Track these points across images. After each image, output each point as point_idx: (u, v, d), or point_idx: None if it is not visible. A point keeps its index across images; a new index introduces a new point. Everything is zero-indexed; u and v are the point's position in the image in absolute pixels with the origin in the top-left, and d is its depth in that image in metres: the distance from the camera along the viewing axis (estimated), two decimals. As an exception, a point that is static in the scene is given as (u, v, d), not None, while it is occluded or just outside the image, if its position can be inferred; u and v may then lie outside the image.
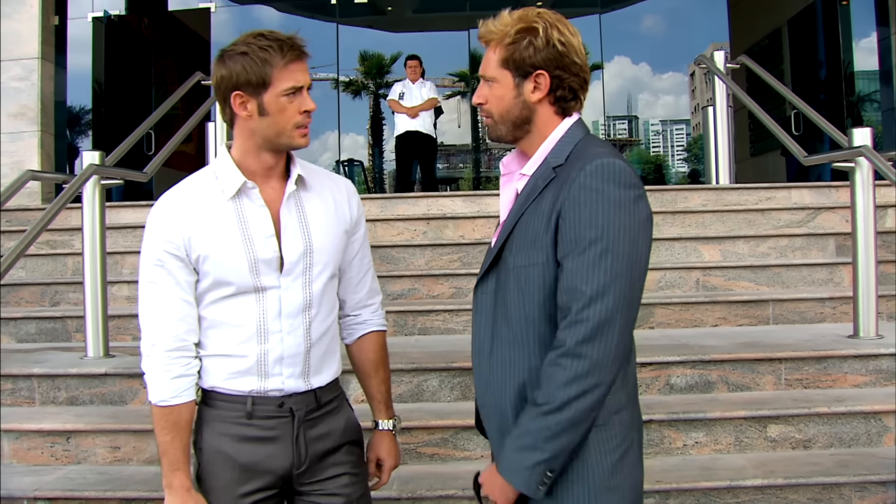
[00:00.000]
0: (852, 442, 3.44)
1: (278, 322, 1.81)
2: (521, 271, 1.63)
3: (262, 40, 1.75)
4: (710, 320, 4.59)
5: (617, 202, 1.53)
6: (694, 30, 12.25)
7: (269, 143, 1.80)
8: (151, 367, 1.81)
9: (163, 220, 1.79)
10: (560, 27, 1.67)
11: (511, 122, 1.71)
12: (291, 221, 1.83)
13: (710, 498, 3.12)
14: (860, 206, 4.12)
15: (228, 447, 1.82)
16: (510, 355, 1.65)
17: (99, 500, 3.19)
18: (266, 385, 1.82)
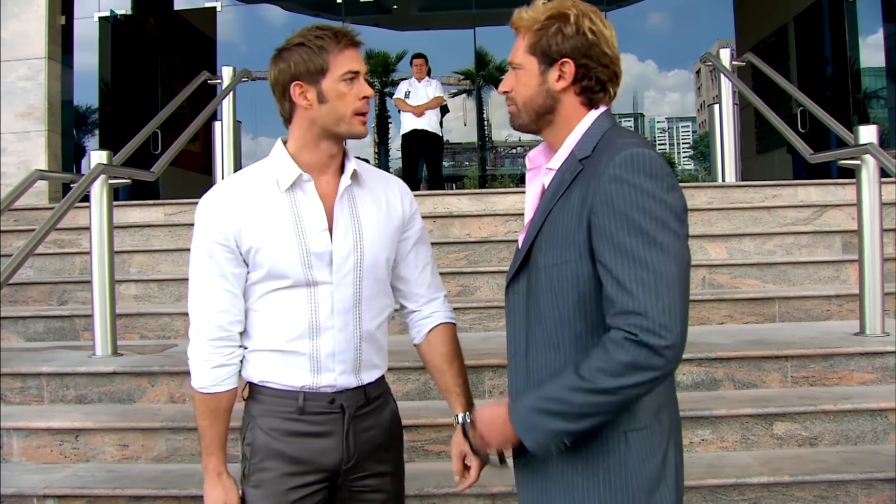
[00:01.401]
0: (858, 439, 3.45)
1: (331, 318, 1.83)
2: (552, 270, 1.58)
3: (317, 31, 1.79)
4: (717, 318, 4.59)
5: (650, 193, 1.48)
6: (700, 27, 12.24)
7: (329, 132, 1.81)
8: (194, 355, 1.84)
9: (213, 212, 1.81)
10: (593, 16, 1.64)
11: (534, 110, 1.67)
12: (343, 217, 1.84)
13: (716, 495, 3.13)
14: (866, 203, 4.11)
15: (279, 442, 1.84)
16: (546, 359, 1.62)
17: (108, 497, 3.21)
18: (318, 381, 1.84)
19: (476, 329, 4.64)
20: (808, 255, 5.25)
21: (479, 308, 4.67)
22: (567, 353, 1.59)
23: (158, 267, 5.42)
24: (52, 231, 5.51)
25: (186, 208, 6.07)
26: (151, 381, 3.86)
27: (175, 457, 3.49)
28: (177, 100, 5.87)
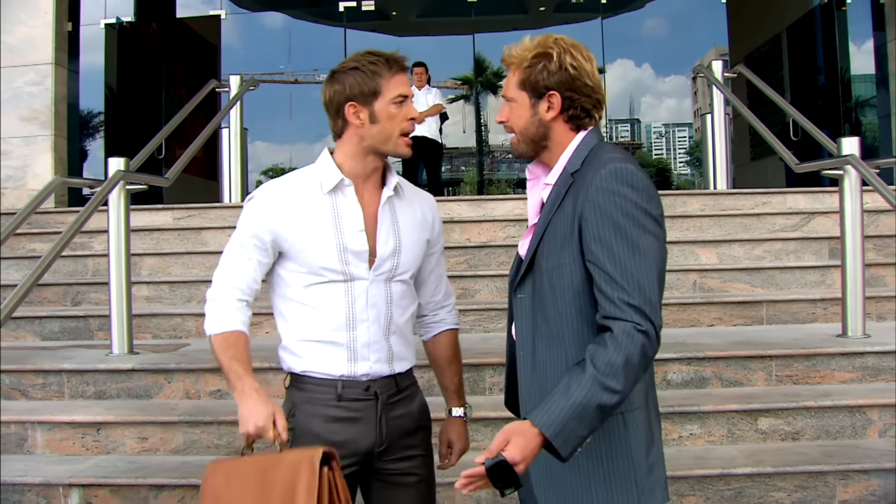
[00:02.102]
0: (838, 434, 3.68)
1: (365, 311, 2.05)
2: (553, 272, 1.81)
3: (371, 56, 2.01)
4: (707, 320, 4.83)
5: (632, 202, 1.71)
6: (696, 33, 12.49)
7: (376, 149, 2.04)
8: (210, 308, 2.05)
9: (256, 213, 2.04)
10: (573, 52, 1.86)
11: (530, 138, 1.90)
12: (385, 223, 2.07)
13: (703, 485, 3.36)
14: (848, 211, 4.36)
15: (319, 427, 2.04)
16: (549, 352, 1.84)
17: (130, 486, 3.42)
18: (356, 369, 2.05)
19: (476, 330, 4.86)
20: (795, 260, 5.50)
21: (479, 310, 4.90)
22: (568, 346, 1.81)
23: (169, 269, 5.64)
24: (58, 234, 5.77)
25: (195, 213, 6.29)
26: (168, 377, 4.07)
27: (192, 449, 3.70)
28: (186, 108, 6.08)
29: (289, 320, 2.09)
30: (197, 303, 5.30)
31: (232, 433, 3.70)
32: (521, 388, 1.95)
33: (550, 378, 1.84)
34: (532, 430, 1.67)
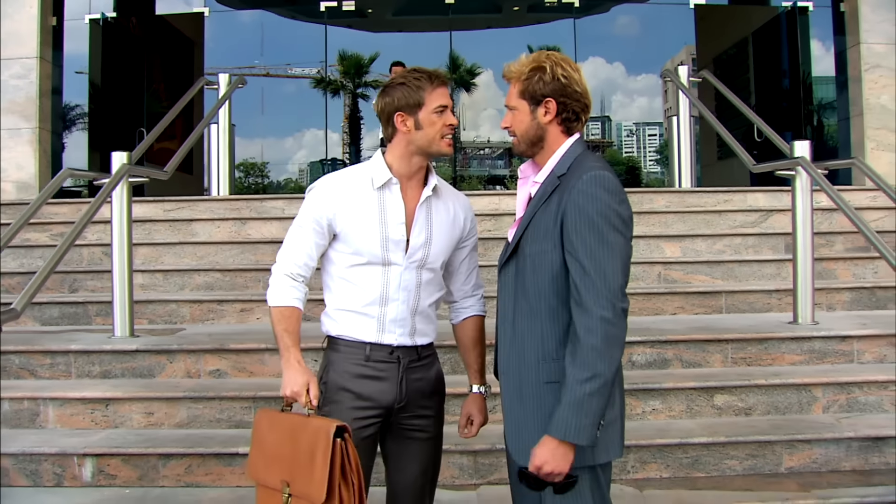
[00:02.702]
0: (786, 409, 4.10)
1: (397, 293, 2.42)
2: (535, 257, 2.19)
3: (415, 73, 2.39)
4: (670, 309, 5.24)
5: (607, 204, 2.10)
6: (667, 33, 12.83)
7: (421, 150, 2.41)
8: (274, 281, 2.42)
9: (317, 200, 2.40)
10: (563, 65, 2.26)
11: (529, 140, 2.28)
12: (421, 218, 2.44)
13: (663, 453, 3.76)
14: (799, 209, 4.79)
15: (349, 382, 2.42)
16: (527, 323, 2.22)
17: (140, 455, 3.74)
18: (382, 339, 2.43)
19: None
20: (753, 254, 5.93)
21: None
22: (543, 320, 2.19)
23: (161, 259, 5.94)
24: (59, 225, 6.06)
25: (184, 205, 6.59)
26: (170, 358, 4.40)
27: (196, 423, 4.04)
28: (178, 105, 6.35)
29: (332, 292, 2.45)
30: (190, 290, 5.62)
31: (232, 408, 4.04)
32: (500, 353, 2.33)
33: (527, 345, 2.22)
34: (549, 441, 2.08)
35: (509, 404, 2.30)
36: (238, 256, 5.94)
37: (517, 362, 2.25)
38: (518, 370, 2.25)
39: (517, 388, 2.26)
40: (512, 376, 2.28)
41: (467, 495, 3.56)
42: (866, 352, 4.49)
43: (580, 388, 2.06)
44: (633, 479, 3.70)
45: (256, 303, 5.26)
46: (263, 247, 5.98)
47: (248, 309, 5.25)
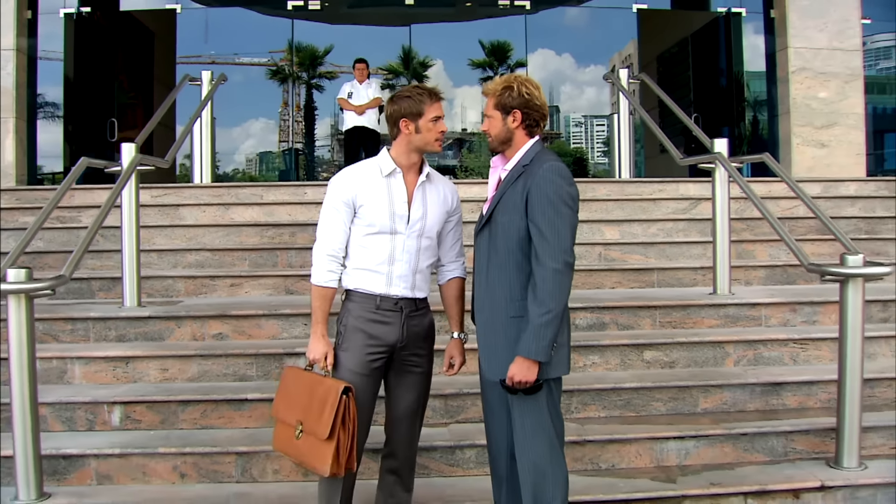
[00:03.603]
0: (703, 363, 5.01)
1: (402, 255, 3.25)
2: (505, 225, 3.06)
3: (419, 89, 3.22)
4: (609, 283, 6.13)
5: (559, 185, 2.98)
6: (614, 27, 13.64)
7: (418, 148, 3.25)
8: (317, 261, 3.24)
9: (341, 185, 3.23)
10: (527, 85, 3.15)
11: (500, 139, 3.18)
12: (418, 198, 3.27)
13: (601, 396, 4.63)
14: (718, 197, 5.71)
15: (363, 325, 3.24)
16: (498, 274, 3.09)
17: (162, 402, 4.48)
18: (389, 291, 3.25)
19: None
20: (683, 237, 6.87)
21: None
22: (510, 270, 3.06)
23: (153, 240, 6.64)
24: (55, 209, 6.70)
25: (170, 192, 7.30)
26: (178, 323, 5.14)
27: (205, 377, 4.79)
28: (168, 101, 7.03)
29: (350, 256, 3.27)
30: (182, 268, 6.33)
31: (236, 364, 4.81)
32: (476, 297, 3.22)
33: (497, 290, 3.10)
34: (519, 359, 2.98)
35: (483, 335, 3.16)
36: (224, 238, 6.68)
37: (490, 303, 3.12)
38: (491, 308, 3.12)
39: (490, 322, 3.13)
40: (486, 313, 3.14)
41: (440, 431, 4.37)
42: (772, 317, 5.44)
43: (539, 319, 2.92)
44: (576, 418, 4.56)
45: (245, 278, 6.01)
46: (247, 229, 6.74)
47: (238, 284, 6.00)
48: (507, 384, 3.05)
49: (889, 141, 14.26)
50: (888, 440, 4.49)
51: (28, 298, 3.88)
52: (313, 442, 3.11)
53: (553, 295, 2.94)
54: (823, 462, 4.30)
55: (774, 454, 4.38)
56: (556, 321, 2.97)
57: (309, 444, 3.13)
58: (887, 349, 5.22)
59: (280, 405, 3.33)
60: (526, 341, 2.97)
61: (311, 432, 3.13)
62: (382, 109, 10.19)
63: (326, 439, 3.06)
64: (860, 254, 4.24)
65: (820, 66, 10.04)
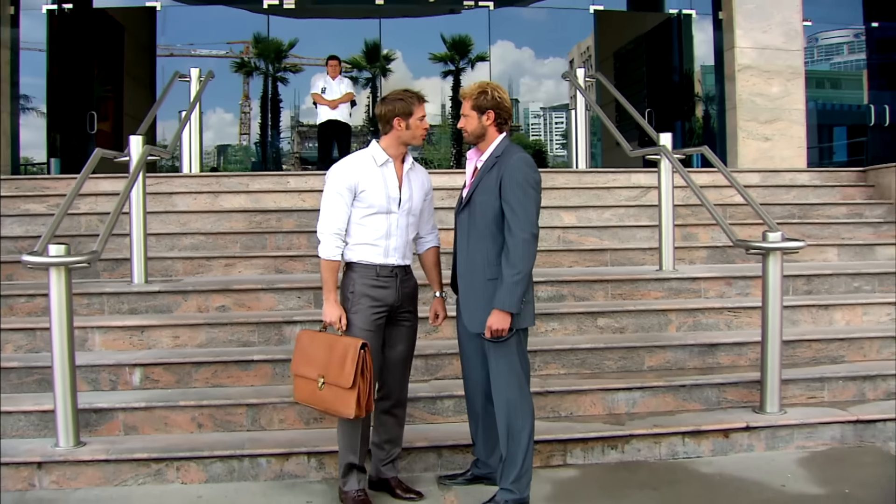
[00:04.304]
0: (650, 328, 5.86)
1: (396, 230, 4.01)
2: (483, 204, 3.85)
3: (409, 93, 3.98)
4: (567, 262, 6.96)
5: (527, 172, 3.79)
6: (573, 22, 14.27)
7: (405, 143, 4.01)
8: (324, 239, 3.95)
9: (344, 173, 3.96)
10: (498, 90, 3.95)
11: (476, 135, 3.96)
12: (406, 183, 4.03)
13: (560, 356, 5.44)
14: (663, 186, 6.57)
15: (367, 290, 3.98)
16: (476, 244, 3.88)
17: (177, 364, 5.18)
18: (387, 261, 4.00)
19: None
20: (634, 221, 7.73)
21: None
22: (487, 241, 3.84)
23: (150, 226, 7.17)
24: (54, 197, 7.38)
25: (162, 181, 7.98)
26: (184, 297, 5.86)
27: (213, 343, 5.51)
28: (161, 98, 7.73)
29: (351, 234, 4.00)
30: (179, 250, 7.02)
31: (240, 331, 5.53)
32: (458, 264, 4.01)
33: (476, 257, 3.88)
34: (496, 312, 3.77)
35: (464, 296, 3.97)
36: (215, 223, 7.38)
37: (470, 269, 3.92)
38: (471, 273, 3.92)
39: (470, 285, 3.93)
40: (467, 278, 3.94)
41: (423, 385, 5.14)
42: (710, 290, 6.32)
43: (511, 279, 3.72)
44: (539, 375, 5.35)
45: (237, 259, 6.73)
46: (236, 215, 7.46)
47: (231, 264, 6.71)
48: (486, 335, 3.84)
49: (839, 134, 15.34)
50: (805, 391, 5.37)
51: (67, 270, 4.57)
52: (337, 391, 3.83)
53: (523, 259, 3.74)
54: (750, 409, 5.15)
55: (709, 403, 5.24)
56: (525, 280, 3.78)
57: (333, 393, 3.85)
58: (808, 316, 6.12)
59: (299, 363, 4.02)
60: (501, 296, 3.76)
61: (333, 383, 3.84)
62: (354, 104, 10.96)
63: (350, 388, 3.78)
64: (780, 231, 5.10)
65: (764, 65, 10.99)
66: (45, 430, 4.73)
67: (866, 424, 5.08)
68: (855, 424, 5.06)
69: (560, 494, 4.32)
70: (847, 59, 15.28)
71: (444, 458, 4.65)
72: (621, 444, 4.78)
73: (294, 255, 6.80)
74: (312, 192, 7.75)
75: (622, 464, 4.75)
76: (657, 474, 4.60)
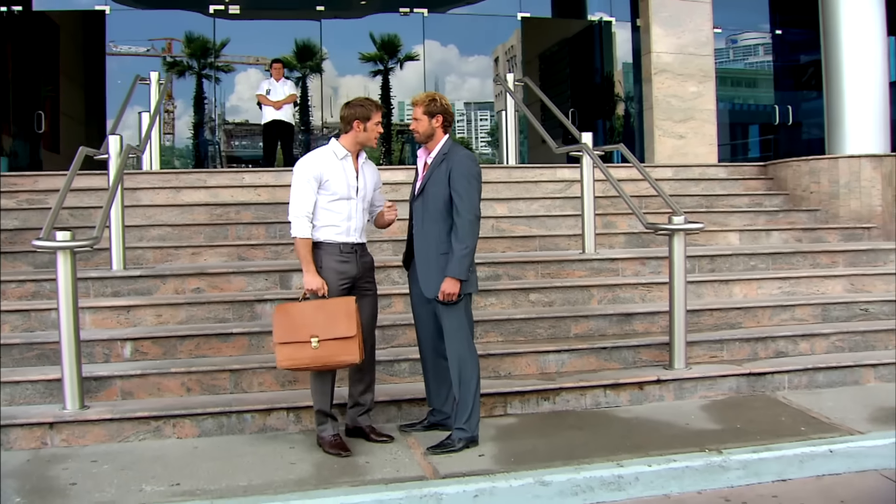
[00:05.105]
0: (575, 302, 6.91)
1: (356, 213, 4.89)
2: (435, 194, 4.81)
3: (368, 101, 4.88)
4: (501, 248, 7.97)
5: (471, 166, 4.79)
6: (500, 28, 15.19)
7: (362, 142, 4.90)
8: (296, 221, 4.80)
9: (310, 166, 4.82)
10: (444, 99, 4.93)
11: (426, 136, 4.91)
12: (361, 174, 4.93)
13: (498, 326, 6.42)
14: (585, 179, 7.63)
15: (333, 264, 4.85)
16: (430, 226, 4.83)
17: (164, 337, 5.99)
18: (348, 239, 4.89)
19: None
20: (559, 211, 8.81)
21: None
22: (439, 223, 4.81)
23: (117, 219, 8.09)
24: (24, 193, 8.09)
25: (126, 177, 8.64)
26: (163, 280, 6.68)
27: (193, 320, 6.35)
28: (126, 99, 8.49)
29: (319, 218, 4.87)
30: (147, 241, 7.80)
31: (217, 309, 6.38)
32: (415, 243, 4.94)
33: (430, 236, 4.83)
34: (448, 279, 4.72)
35: (421, 266, 4.90)
36: (179, 216, 8.18)
37: (425, 246, 4.88)
38: (426, 249, 4.88)
39: (426, 258, 4.87)
40: (423, 253, 4.89)
41: (381, 352, 5.97)
42: (627, 269, 7.42)
43: (460, 252, 4.70)
44: (480, 341, 6.28)
45: (203, 248, 7.55)
46: (197, 208, 8.28)
47: (197, 252, 7.53)
48: (439, 298, 4.81)
49: (753, 132, 16.75)
50: (708, 351, 6.47)
51: (72, 254, 5.35)
52: (336, 344, 4.69)
53: (469, 236, 4.73)
54: (661, 367, 6.21)
55: (626, 362, 6.30)
56: (471, 254, 4.76)
57: (332, 347, 4.70)
58: (711, 290, 7.27)
59: (287, 332, 4.73)
60: (452, 266, 4.74)
61: (330, 338, 4.70)
62: (297, 104, 11.83)
63: (352, 337, 4.69)
64: (683, 215, 6.19)
65: (679, 69, 12.19)
66: (50, 398, 5.49)
67: (758, 377, 6.18)
68: (748, 377, 6.16)
69: (503, 435, 5.28)
70: (762, 59, 16.64)
71: (404, 411, 5.57)
72: (552, 396, 5.78)
73: (254, 244, 7.66)
74: (267, 188, 8.64)
75: (554, 412, 5.74)
76: (583, 419, 5.62)
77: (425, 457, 4.84)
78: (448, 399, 5.15)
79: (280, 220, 8.08)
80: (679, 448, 4.94)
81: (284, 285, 6.78)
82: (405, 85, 15.38)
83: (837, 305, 7.21)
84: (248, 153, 15.18)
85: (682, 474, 4.67)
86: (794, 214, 9.47)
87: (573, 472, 4.58)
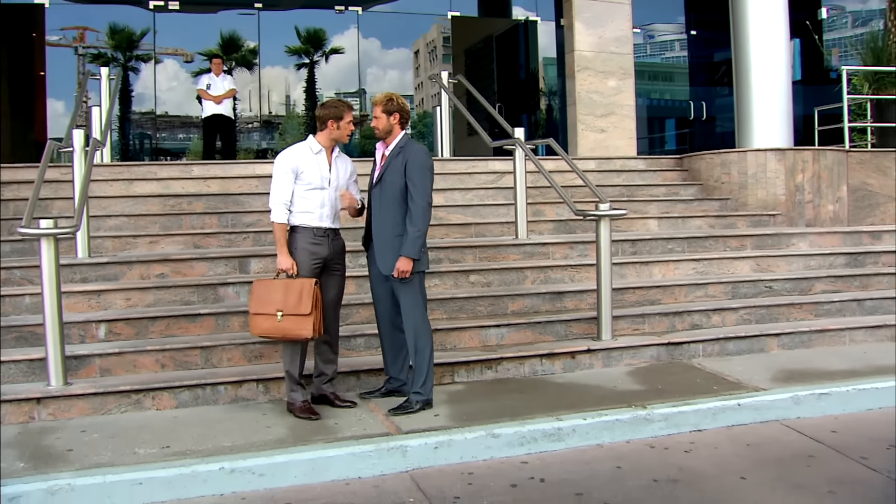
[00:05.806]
0: (511, 283, 7.71)
1: (329, 201, 5.58)
2: (392, 183, 5.53)
3: (341, 102, 5.60)
4: (440, 235, 8.69)
5: (425, 159, 5.55)
6: (425, 23, 15.98)
7: (335, 139, 5.60)
8: (275, 208, 5.49)
9: (287, 159, 5.50)
10: (401, 98, 5.67)
11: (385, 132, 5.63)
12: (334, 167, 5.62)
13: (443, 305, 7.16)
14: (517, 171, 8.44)
15: (307, 247, 5.53)
16: (387, 210, 5.55)
17: (136, 319, 6.54)
18: (321, 224, 5.57)
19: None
20: (493, 201, 9.61)
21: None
22: (395, 208, 5.54)
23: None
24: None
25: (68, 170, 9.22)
26: (129, 267, 7.24)
27: (160, 303, 6.93)
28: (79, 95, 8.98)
29: (295, 204, 5.53)
30: (105, 230, 8.31)
31: (182, 293, 6.97)
32: (374, 226, 5.66)
33: (387, 220, 5.56)
34: (402, 258, 5.45)
35: (378, 247, 5.60)
36: (133, 207, 8.71)
37: (382, 228, 5.58)
38: (383, 230, 5.57)
39: (383, 239, 5.57)
40: (380, 234, 5.59)
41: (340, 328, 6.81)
42: (557, 252, 8.28)
43: (414, 234, 5.43)
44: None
45: (159, 237, 8.10)
46: (151, 199, 8.81)
47: (155, 241, 8.09)
48: (395, 275, 5.52)
49: (670, 126, 17.87)
50: (631, 325, 7.34)
51: (55, 240, 5.90)
52: (295, 319, 5.34)
53: (422, 220, 5.46)
54: (590, 338, 7.03)
55: (559, 335, 7.12)
56: (423, 236, 5.50)
57: (292, 321, 5.36)
58: (634, 271, 8.18)
59: (259, 304, 5.43)
60: (406, 246, 5.46)
61: (292, 313, 5.36)
62: (237, 99, 12.41)
63: (308, 315, 5.33)
64: (608, 202, 7.05)
65: (600, 67, 13.13)
66: (33, 376, 5.98)
67: (676, 346, 7.08)
68: (668, 346, 7.05)
69: (453, 399, 6.03)
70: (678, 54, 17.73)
71: (362, 380, 6.28)
72: (495, 365, 6.56)
73: (208, 232, 8.25)
74: (216, 179, 9.23)
75: (496, 380, 6.53)
76: (522, 384, 6.41)
77: (387, 417, 5.56)
78: (403, 367, 5.90)
79: (231, 210, 8.72)
80: (609, 405, 5.78)
81: (244, 270, 7.41)
82: (328, 79, 15.93)
83: (745, 283, 8.21)
84: (176, 146, 15.57)
85: (613, 426, 5.52)
86: (707, 203, 10.52)
87: (519, 425, 5.36)
